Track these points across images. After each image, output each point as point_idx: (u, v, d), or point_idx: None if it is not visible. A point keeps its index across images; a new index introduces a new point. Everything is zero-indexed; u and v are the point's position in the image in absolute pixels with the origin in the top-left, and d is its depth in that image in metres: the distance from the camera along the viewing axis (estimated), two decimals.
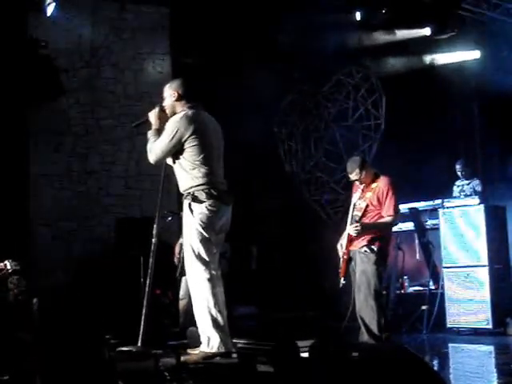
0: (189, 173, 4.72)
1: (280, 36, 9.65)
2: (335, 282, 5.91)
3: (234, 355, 4.59)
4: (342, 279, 5.79)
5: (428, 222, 8.35)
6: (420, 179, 8.78)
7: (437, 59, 10.21)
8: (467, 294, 7.32)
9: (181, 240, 6.20)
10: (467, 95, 10.34)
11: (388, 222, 5.72)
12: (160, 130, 4.83)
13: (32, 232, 8.81)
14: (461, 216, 7.53)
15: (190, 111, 4.78)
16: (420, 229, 8.35)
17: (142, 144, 5.13)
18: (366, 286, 5.63)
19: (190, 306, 4.88)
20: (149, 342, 4.76)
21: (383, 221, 5.70)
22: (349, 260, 5.81)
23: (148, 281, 4.90)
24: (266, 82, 9.91)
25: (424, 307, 7.49)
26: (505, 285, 7.41)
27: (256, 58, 9.69)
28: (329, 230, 9.50)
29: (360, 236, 5.65)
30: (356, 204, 5.81)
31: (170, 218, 7.21)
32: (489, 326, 7.13)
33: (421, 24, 9.78)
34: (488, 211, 7.42)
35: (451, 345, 6.80)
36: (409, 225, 8.23)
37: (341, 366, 3.68)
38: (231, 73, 9.21)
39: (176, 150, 4.75)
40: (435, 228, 8.02)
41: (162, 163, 4.95)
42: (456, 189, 8.43)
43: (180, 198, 4.88)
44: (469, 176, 8.36)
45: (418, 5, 9.02)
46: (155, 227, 4.98)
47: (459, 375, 5.17)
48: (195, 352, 4.74)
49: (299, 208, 10.70)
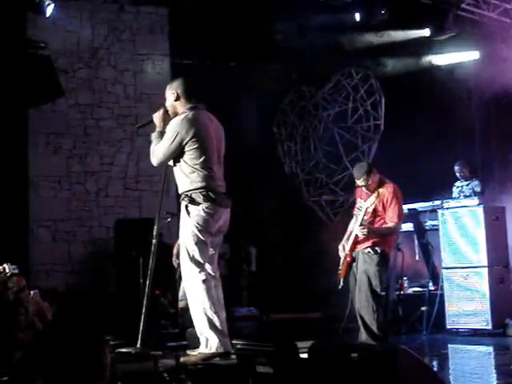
0: (188, 176, 4.71)
1: (279, 37, 9.65)
2: (335, 283, 5.96)
3: (233, 356, 4.59)
4: (342, 280, 5.88)
5: (427, 223, 8.35)
6: (419, 180, 8.78)
7: (436, 60, 10.21)
8: (467, 295, 7.31)
9: (179, 241, 6.20)
10: (466, 96, 10.33)
11: (392, 228, 5.87)
12: (163, 132, 4.81)
13: (31, 233, 8.80)
14: (460, 217, 7.52)
15: (191, 113, 4.76)
16: (419, 230, 8.34)
17: (142, 145, 5.15)
18: (367, 286, 5.71)
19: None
20: (148, 343, 4.75)
21: (387, 226, 5.82)
22: (351, 262, 5.89)
23: (148, 282, 4.89)
24: (266, 83, 9.92)
25: (423, 308, 7.48)
26: (504, 286, 7.40)
27: (255, 59, 9.70)
28: (328, 231, 9.51)
29: (365, 239, 5.75)
30: (364, 208, 5.91)
31: (169, 219, 7.21)
32: (488, 327, 7.12)
33: (420, 25, 9.78)
34: (487, 212, 7.41)
35: (451, 345, 6.79)
36: (408, 225, 8.22)
37: (340, 367, 3.68)
38: (230, 74, 9.21)
39: (178, 152, 4.74)
40: (435, 229, 8.02)
41: (165, 164, 4.94)
42: (455, 190, 8.43)
43: (179, 199, 4.88)
44: (468, 177, 8.35)
45: (418, 6, 9.02)
46: (155, 228, 4.97)
47: (458, 376, 5.17)
48: (194, 353, 4.73)
49: (298, 209, 10.70)
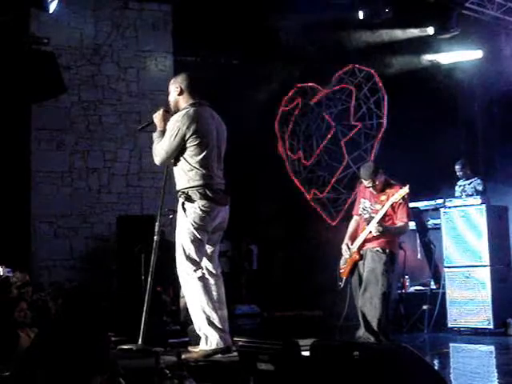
0: (186, 174, 4.69)
1: (282, 34, 9.64)
2: (335, 281, 5.98)
3: (235, 352, 4.59)
4: (343, 279, 5.91)
5: (429, 222, 8.35)
6: (422, 178, 8.76)
7: (439, 58, 10.20)
8: (468, 294, 7.30)
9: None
10: (469, 94, 10.32)
11: (403, 227, 5.97)
12: (164, 131, 4.80)
13: (33, 228, 8.81)
14: (462, 216, 7.51)
15: (192, 109, 4.74)
16: (421, 228, 8.34)
17: (144, 142, 5.14)
18: (374, 285, 5.75)
19: None
20: (150, 340, 4.75)
21: (399, 225, 5.91)
22: (359, 260, 5.92)
23: (149, 278, 4.89)
24: (268, 81, 9.91)
25: (425, 307, 7.47)
26: (506, 285, 7.39)
27: (258, 57, 9.69)
28: (330, 229, 9.51)
29: (376, 237, 5.80)
30: (370, 207, 5.94)
31: (171, 216, 7.20)
32: (490, 326, 7.12)
33: (424, 23, 9.77)
34: (490, 211, 7.40)
35: (452, 344, 6.79)
36: (410, 224, 8.21)
37: (342, 365, 3.67)
38: (233, 71, 9.21)
39: (180, 149, 4.72)
40: (437, 228, 8.02)
41: (168, 162, 4.92)
42: (458, 189, 8.42)
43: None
44: (469, 176, 8.35)
45: (421, 4, 9.01)
46: (157, 224, 4.96)
47: (460, 375, 5.17)
48: (196, 350, 4.73)
49: (300, 207, 10.69)
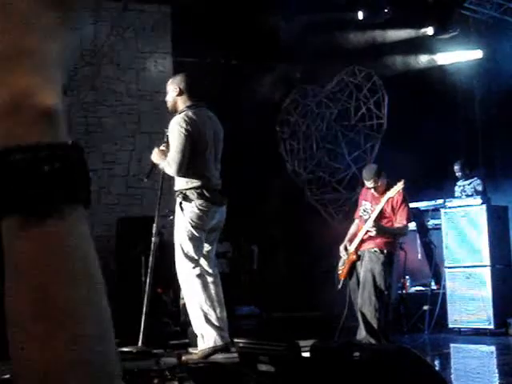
0: (184, 174, 4.72)
1: (282, 35, 9.64)
2: (334, 282, 6.00)
3: (233, 350, 4.60)
4: (342, 281, 5.93)
5: (430, 222, 8.35)
6: (422, 179, 8.77)
7: (439, 59, 10.20)
8: (469, 294, 7.30)
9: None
10: (469, 95, 10.32)
11: (401, 229, 6.00)
12: (165, 157, 4.82)
13: None
14: (463, 216, 7.51)
15: (190, 111, 4.76)
16: (422, 229, 8.34)
17: (144, 143, 5.14)
18: (372, 285, 5.76)
19: None
20: (150, 342, 4.75)
21: (398, 226, 5.89)
22: (356, 260, 5.94)
23: (148, 280, 4.89)
24: (268, 82, 9.90)
25: (426, 307, 7.47)
26: (507, 285, 7.39)
27: (258, 58, 9.69)
28: (330, 230, 9.50)
29: (374, 238, 5.82)
30: (370, 209, 5.96)
31: (172, 217, 7.20)
32: (490, 327, 7.11)
33: (423, 23, 9.77)
34: (490, 211, 7.40)
35: (453, 345, 6.79)
36: (411, 225, 8.21)
37: (342, 367, 3.67)
38: (232, 72, 9.20)
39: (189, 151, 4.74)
40: (437, 228, 8.02)
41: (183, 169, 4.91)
42: (457, 189, 8.43)
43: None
44: (470, 176, 8.35)
45: (421, 4, 9.01)
46: (155, 226, 4.97)
47: (460, 375, 5.16)
48: (196, 351, 4.74)
49: (301, 207, 10.69)
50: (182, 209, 4.74)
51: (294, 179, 10.95)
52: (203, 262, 4.80)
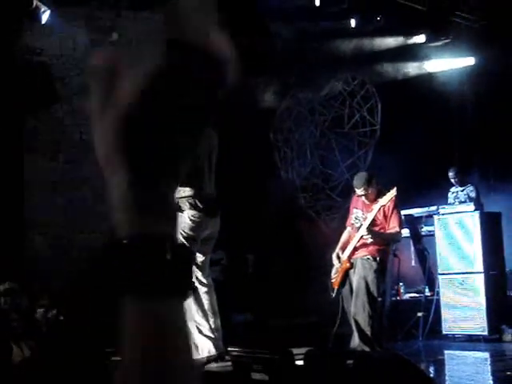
0: None
1: (275, 43, 9.66)
2: (328, 290, 6.01)
3: (228, 359, 4.59)
4: (336, 289, 5.94)
5: (423, 229, 8.37)
6: (415, 186, 8.79)
7: (431, 66, 10.24)
8: (463, 301, 7.31)
9: None
10: (462, 101, 10.36)
11: (394, 235, 5.98)
12: None
13: (28, 240, 8.79)
14: (456, 223, 7.53)
15: None
16: (415, 235, 8.36)
17: None
18: (365, 292, 5.76)
19: None
20: None
21: (391, 232, 5.91)
22: (349, 268, 5.94)
23: None
24: (262, 89, 9.93)
25: (419, 314, 7.48)
26: (500, 291, 7.41)
27: (251, 65, 9.71)
28: (324, 237, 9.50)
29: (366, 245, 5.83)
30: (362, 217, 5.97)
31: None
32: (484, 333, 7.12)
33: (415, 31, 9.81)
34: (483, 218, 7.42)
35: (447, 351, 6.79)
36: (404, 231, 8.23)
37: (336, 374, 3.68)
38: None
39: None
40: (430, 235, 8.03)
41: None
42: (451, 195, 8.45)
43: None
44: (463, 183, 8.38)
45: (413, 12, 9.05)
46: None
47: (455, 382, 5.17)
48: None
49: (295, 214, 10.69)
50: None
51: (288, 186, 10.96)
52: (197, 273, 4.79)
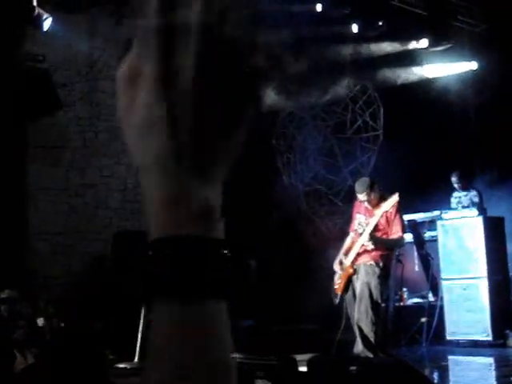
0: None
1: (277, 48, 9.66)
2: (331, 296, 5.99)
3: None
4: (339, 295, 5.92)
5: (426, 234, 8.35)
6: (418, 191, 8.77)
7: (433, 71, 10.23)
8: (466, 306, 7.29)
9: None
10: (465, 106, 10.34)
11: (397, 240, 5.96)
12: None
13: (31, 246, 8.79)
14: (459, 227, 7.52)
15: None
16: (419, 241, 8.34)
17: None
18: (368, 298, 5.74)
19: None
20: (146, 358, 4.73)
21: (394, 238, 5.89)
22: (353, 274, 5.93)
23: None
24: (264, 94, 9.93)
25: (423, 319, 7.46)
26: (504, 296, 7.38)
27: (252, 70, 9.71)
28: (327, 242, 9.49)
29: (369, 251, 5.82)
30: (365, 222, 5.96)
31: None
32: (488, 338, 7.10)
33: (417, 36, 9.81)
34: (486, 222, 7.41)
35: (451, 357, 6.77)
36: (407, 237, 8.22)
37: (339, 380, 3.66)
38: None
39: None
40: (434, 240, 8.02)
41: None
42: (453, 200, 8.43)
43: None
44: (466, 187, 8.36)
45: (415, 17, 9.05)
46: None
47: None
48: None
49: (298, 220, 10.68)
50: None
51: (291, 192, 10.95)
52: None
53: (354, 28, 9.50)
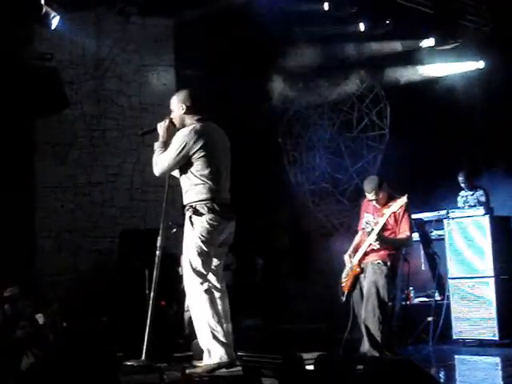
0: (194, 187, 4.71)
1: (284, 47, 9.66)
2: (338, 294, 5.99)
3: (238, 366, 4.58)
4: (346, 293, 5.92)
5: (433, 233, 8.34)
6: (424, 190, 8.77)
7: (441, 70, 10.21)
8: (473, 305, 7.28)
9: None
10: (471, 105, 10.32)
11: (404, 239, 5.95)
12: (167, 143, 4.82)
13: (37, 244, 8.82)
14: (466, 227, 7.51)
15: (199, 124, 4.77)
16: (425, 240, 8.33)
17: (147, 156, 5.14)
18: (375, 297, 5.75)
19: None
20: (154, 355, 4.74)
21: (401, 237, 5.88)
22: (360, 273, 5.93)
23: (152, 294, 4.89)
24: (271, 93, 9.93)
25: (430, 318, 7.45)
26: (511, 296, 7.37)
27: (260, 70, 9.72)
28: (333, 241, 9.49)
29: (377, 250, 5.81)
30: (373, 221, 5.96)
31: (175, 230, 7.19)
32: (495, 338, 7.09)
33: (424, 34, 9.79)
34: (493, 222, 7.40)
35: (457, 356, 6.76)
36: (414, 236, 8.21)
37: (346, 379, 3.66)
38: (235, 84, 9.23)
39: (183, 163, 4.75)
40: (440, 239, 8.01)
41: (166, 175, 4.95)
42: (460, 199, 8.43)
43: (183, 210, 4.87)
44: (473, 187, 8.35)
45: (422, 15, 9.03)
46: (159, 239, 4.97)
47: None
48: (200, 364, 4.73)
49: (304, 219, 10.68)
50: (192, 223, 4.70)
51: (297, 191, 10.95)
52: (211, 278, 4.78)
53: (361, 27, 9.49)
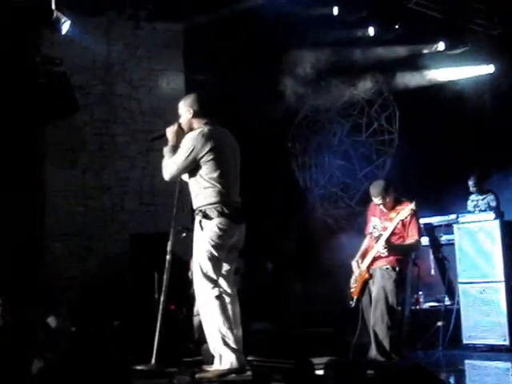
0: (203, 191, 4.71)
1: (293, 51, 9.67)
2: (346, 299, 5.98)
3: (248, 372, 4.57)
4: (355, 299, 5.90)
5: (443, 238, 8.31)
6: (434, 194, 8.75)
7: (450, 74, 10.19)
8: (483, 310, 7.24)
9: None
10: (481, 109, 10.30)
11: (413, 244, 5.92)
12: (176, 147, 4.82)
13: (47, 248, 8.84)
14: (476, 231, 7.48)
15: (207, 128, 4.77)
16: (435, 244, 8.31)
17: (157, 160, 5.15)
18: (384, 302, 5.73)
19: None
20: (163, 360, 4.74)
21: (410, 243, 5.86)
22: (369, 279, 5.91)
23: (162, 298, 4.89)
24: (280, 98, 9.94)
25: (440, 323, 7.42)
26: None
27: (269, 74, 9.73)
28: (343, 246, 9.48)
29: (385, 257, 5.79)
30: (380, 225, 5.94)
31: (185, 234, 7.20)
32: (506, 343, 7.04)
33: (434, 39, 9.78)
34: (503, 226, 7.36)
35: (467, 361, 6.72)
36: (424, 240, 8.19)
37: None
38: (244, 89, 9.25)
39: (192, 167, 4.75)
40: (450, 243, 7.98)
41: (177, 179, 4.96)
42: (470, 203, 8.40)
43: (193, 215, 4.87)
44: (483, 191, 8.32)
45: (432, 20, 9.03)
46: (169, 244, 4.97)
47: None
48: (210, 369, 4.72)
49: (313, 223, 10.68)
50: (202, 227, 4.69)
51: (307, 195, 10.95)
52: (222, 282, 4.76)
53: (371, 31, 9.50)
